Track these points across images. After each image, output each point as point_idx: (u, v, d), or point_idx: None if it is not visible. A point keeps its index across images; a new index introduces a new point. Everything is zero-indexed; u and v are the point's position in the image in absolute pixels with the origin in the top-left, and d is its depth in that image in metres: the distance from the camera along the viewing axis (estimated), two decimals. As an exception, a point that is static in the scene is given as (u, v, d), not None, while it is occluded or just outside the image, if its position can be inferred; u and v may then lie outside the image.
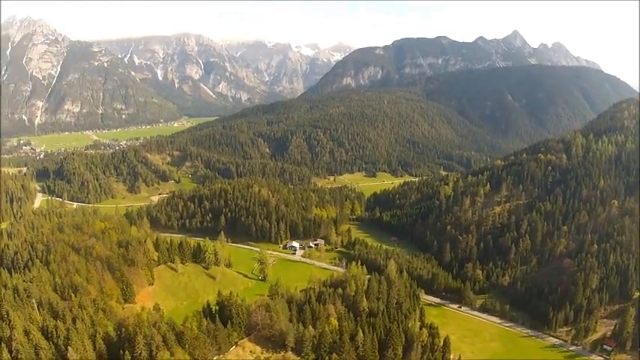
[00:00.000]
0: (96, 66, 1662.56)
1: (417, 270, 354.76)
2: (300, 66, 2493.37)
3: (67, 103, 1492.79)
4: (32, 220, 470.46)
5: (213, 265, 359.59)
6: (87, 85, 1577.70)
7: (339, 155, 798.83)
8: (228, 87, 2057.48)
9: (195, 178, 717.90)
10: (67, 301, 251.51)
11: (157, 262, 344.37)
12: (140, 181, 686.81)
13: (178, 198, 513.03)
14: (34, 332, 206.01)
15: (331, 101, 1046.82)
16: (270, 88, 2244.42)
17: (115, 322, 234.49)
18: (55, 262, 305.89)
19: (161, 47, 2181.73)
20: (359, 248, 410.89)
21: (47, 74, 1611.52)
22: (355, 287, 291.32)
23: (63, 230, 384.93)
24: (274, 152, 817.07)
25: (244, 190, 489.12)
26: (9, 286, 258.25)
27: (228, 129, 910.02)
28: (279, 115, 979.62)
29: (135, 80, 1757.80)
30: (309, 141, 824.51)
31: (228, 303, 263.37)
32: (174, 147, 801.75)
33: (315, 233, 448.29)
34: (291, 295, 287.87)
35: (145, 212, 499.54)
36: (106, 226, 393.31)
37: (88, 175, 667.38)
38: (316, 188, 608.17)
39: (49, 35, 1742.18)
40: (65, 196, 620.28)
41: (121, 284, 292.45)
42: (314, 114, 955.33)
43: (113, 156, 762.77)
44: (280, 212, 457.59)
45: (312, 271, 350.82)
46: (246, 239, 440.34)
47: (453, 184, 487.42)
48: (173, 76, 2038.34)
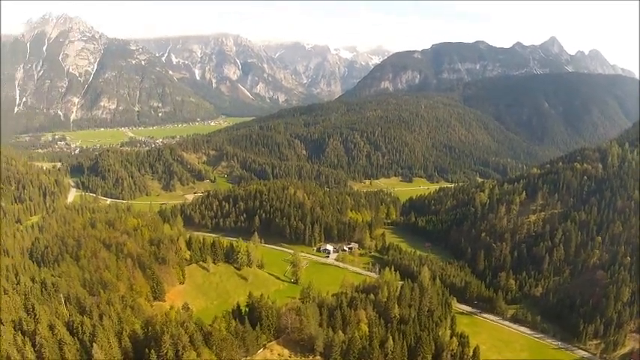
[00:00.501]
0: (133, 64, 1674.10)
1: (450, 277, 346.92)
2: (338, 69, 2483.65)
3: (104, 100, 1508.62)
4: (64, 214, 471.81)
5: (245, 266, 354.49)
6: (124, 83, 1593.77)
7: (376, 159, 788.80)
8: (265, 88, 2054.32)
9: (231, 178, 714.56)
10: (95, 297, 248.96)
11: (189, 261, 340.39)
12: (175, 180, 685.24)
13: (213, 197, 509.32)
14: (59, 327, 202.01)
15: (369, 104, 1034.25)
16: (308, 90, 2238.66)
17: (142, 320, 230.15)
18: (86, 258, 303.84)
19: (199, 47, 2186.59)
20: (393, 253, 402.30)
21: (84, 71, 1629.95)
22: (387, 293, 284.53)
23: (95, 226, 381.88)
24: (311, 154, 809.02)
25: (280, 192, 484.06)
26: (37, 280, 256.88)
27: (265, 129, 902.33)
28: (317, 117, 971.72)
29: (172, 79, 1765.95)
30: (345, 144, 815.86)
31: (258, 305, 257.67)
32: (211, 146, 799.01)
33: (349, 237, 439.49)
34: (322, 299, 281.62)
35: (179, 210, 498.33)
36: (139, 223, 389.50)
37: (122, 172, 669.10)
38: (352, 191, 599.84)
39: (86, 32, 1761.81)
40: (99, 192, 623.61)
41: (151, 282, 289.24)
42: (351, 117, 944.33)
43: (149, 153, 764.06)
44: (315, 215, 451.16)
45: (345, 275, 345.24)
46: (279, 241, 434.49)
47: (489, 191, 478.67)
48: (211, 76, 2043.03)
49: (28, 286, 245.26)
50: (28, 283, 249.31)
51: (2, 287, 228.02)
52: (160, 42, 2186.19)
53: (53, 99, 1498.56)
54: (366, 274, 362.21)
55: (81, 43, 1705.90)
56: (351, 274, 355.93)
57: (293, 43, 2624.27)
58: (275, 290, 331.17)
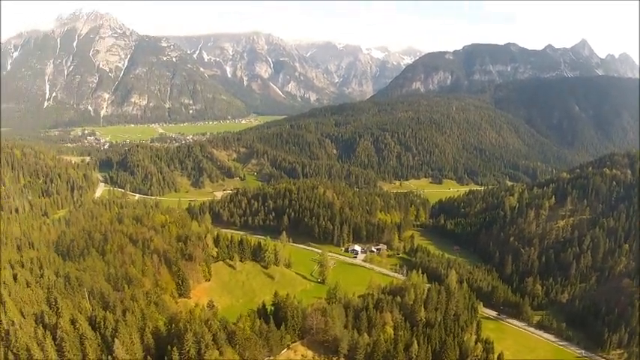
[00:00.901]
0: (164, 61, 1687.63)
1: (477, 281, 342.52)
2: (369, 68, 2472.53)
3: (134, 96, 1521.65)
4: (92, 209, 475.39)
5: (272, 265, 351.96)
6: (154, 79, 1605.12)
7: (406, 160, 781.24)
8: (297, 87, 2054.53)
9: (261, 176, 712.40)
10: (119, 292, 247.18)
11: (216, 259, 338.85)
12: (204, 177, 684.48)
13: (242, 195, 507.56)
14: (81, 322, 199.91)
15: (400, 105, 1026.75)
16: (340, 90, 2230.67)
17: (166, 317, 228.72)
18: (111, 253, 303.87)
19: (231, 45, 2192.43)
20: (421, 256, 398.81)
21: (114, 67, 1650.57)
22: (414, 296, 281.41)
23: (122, 221, 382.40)
24: (341, 154, 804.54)
25: (309, 191, 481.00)
26: (60, 273, 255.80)
27: (295, 128, 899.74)
28: (348, 117, 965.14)
29: (203, 76, 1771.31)
30: (376, 144, 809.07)
31: (284, 304, 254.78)
32: (241, 144, 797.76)
33: (378, 238, 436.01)
34: (348, 301, 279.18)
35: (208, 208, 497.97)
36: (167, 219, 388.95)
37: (151, 168, 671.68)
38: (382, 192, 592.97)
39: (117, 29, 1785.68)
40: (127, 187, 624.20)
41: (177, 278, 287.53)
42: (382, 117, 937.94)
43: (178, 150, 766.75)
44: (344, 215, 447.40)
45: (372, 276, 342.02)
46: (307, 240, 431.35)
47: (519, 195, 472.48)
48: (242, 74, 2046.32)
49: (51, 279, 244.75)
50: (51, 277, 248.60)
51: (21, 279, 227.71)
52: (192, 39, 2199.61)
53: (83, 94, 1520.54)
54: (393, 276, 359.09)
55: (111, 39, 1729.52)
56: (378, 276, 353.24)
57: (325, 42, 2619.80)
58: (301, 290, 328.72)
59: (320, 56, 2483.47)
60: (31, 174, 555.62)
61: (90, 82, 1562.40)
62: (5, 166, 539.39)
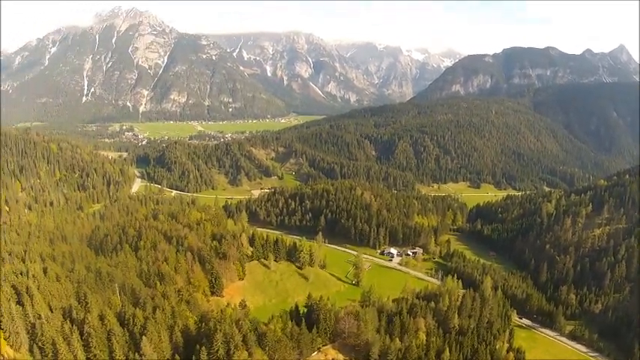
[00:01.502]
0: (204, 59, 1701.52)
1: (511, 289, 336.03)
2: (409, 70, 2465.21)
3: (173, 93, 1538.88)
4: (127, 204, 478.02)
5: (307, 266, 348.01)
6: (194, 77, 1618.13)
7: (445, 163, 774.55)
8: (337, 87, 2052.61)
9: (299, 175, 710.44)
10: (150, 288, 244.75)
11: (250, 258, 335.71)
12: (242, 175, 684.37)
13: (279, 194, 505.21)
14: (110, 317, 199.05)
15: (440, 107, 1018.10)
16: (380, 91, 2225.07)
17: (197, 315, 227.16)
18: (145, 249, 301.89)
19: (271, 44, 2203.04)
20: (456, 261, 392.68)
21: (154, 64, 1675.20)
22: (448, 302, 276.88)
23: (157, 217, 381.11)
24: (380, 155, 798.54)
25: (347, 192, 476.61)
26: (92, 268, 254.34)
27: (335, 128, 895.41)
28: (387, 119, 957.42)
29: (243, 75, 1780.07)
30: (415, 146, 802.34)
31: (317, 307, 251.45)
32: (280, 143, 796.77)
33: (414, 241, 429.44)
34: (382, 305, 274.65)
35: (244, 206, 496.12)
36: (202, 217, 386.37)
37: (189, 165, 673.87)
38: (419, 195, 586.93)
39: (156, 26, 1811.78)
40: (164, 183, 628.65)
41: (210, 277, 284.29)
42: (422, 119, 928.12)
43: (217, 147, 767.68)
44: (381, 217, 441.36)
45: (407, 280, 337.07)
46: (343, 242, 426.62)
47: (556, 201, 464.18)
48: (282, 73, 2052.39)
49: (82, 274, 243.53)
50: (82, 271, 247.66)
51: (51, 273, 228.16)
52: (232, 38, 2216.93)
53: (122, 90, 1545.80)
54: (428, 280, 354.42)
55: (151, 36, 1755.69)
56: (413, 279, 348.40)
57: (365, 42, 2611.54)
58: (335, 291, 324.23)
59: (360, 57, 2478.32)
60: (67, 168, 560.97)
61: (129, 78, 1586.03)
62: (41, 159, 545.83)
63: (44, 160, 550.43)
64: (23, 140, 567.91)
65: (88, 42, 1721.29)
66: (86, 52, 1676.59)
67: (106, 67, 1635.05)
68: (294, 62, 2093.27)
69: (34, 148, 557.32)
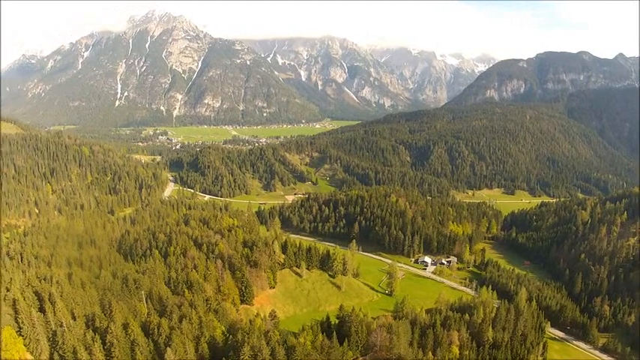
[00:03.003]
0: (238, 63, 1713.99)
1: (545, 300, 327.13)
2: (444, 75, 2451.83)
3: (207, 97, 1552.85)
4: (159, 208, 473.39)
5: (340, 274, 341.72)
6: (228, 82, 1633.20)
7: (480, 169, 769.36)
8: (371, 92, 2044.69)
9: (333, 181, 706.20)
10: (179, 296, 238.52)
11: (282, 266, 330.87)
12: (276, 180, 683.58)
13: (313, 200, 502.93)
14: (134, 327, 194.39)
15: (474, 113, 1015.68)
16: (414, 96, 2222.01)
17: (225, 325, 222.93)
18: (174, 255, 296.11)
19: (305, 49, 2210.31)
20: (491, 270, 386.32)
21: (187, 68, 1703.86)
22: (483, 315, 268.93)
23: (188, 223, 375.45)
24: (415, 161, 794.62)
25: (381, 199, 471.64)
26: (118, 275, 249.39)
27: (369, 134, 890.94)
28: (422, 124, 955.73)
29: (278, 80, 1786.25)
30: (450, 152, 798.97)
31: (349, 319, 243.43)
32: (314, 148, 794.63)
33: (448, 250, 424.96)
34: (415, 316, 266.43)
35: (278, 212, 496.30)
36: (234, 223, 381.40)
37: (223, 169, 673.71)
38: (454, 202, 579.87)
39: (190, 31, 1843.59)
40: (197, 187, 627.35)
41: (240, 285, 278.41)
42: (456, 125, 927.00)
43: (251, 152, 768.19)
44: (416, 225, 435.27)
45: (441, 290, 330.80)
46: (377, 249, 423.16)
47: (591, 209, 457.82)
48: (317, 78, 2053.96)
49: (108, 280, 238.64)
50: (108, 278, 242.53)
51: (76, 279, 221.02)
52: (266, 43, 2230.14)
53: (156, 94, 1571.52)
54: (462, 290, 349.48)
55: (185, 41, 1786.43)
56: (447, 289, 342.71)
57: (399, 47, 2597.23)
58: (368, 301, 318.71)
59: (394, 61, 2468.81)
60: (98, 171, 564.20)
61: (163, 82, 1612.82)
62: (72, 162, 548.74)
63: (76, 163, 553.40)
64: (54, 143, 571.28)
65: (122, 46, 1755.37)
66: (120, 57, 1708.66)
67: (139, 71, 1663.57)
68: (328, 67, 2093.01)
69: (66, 151, 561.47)
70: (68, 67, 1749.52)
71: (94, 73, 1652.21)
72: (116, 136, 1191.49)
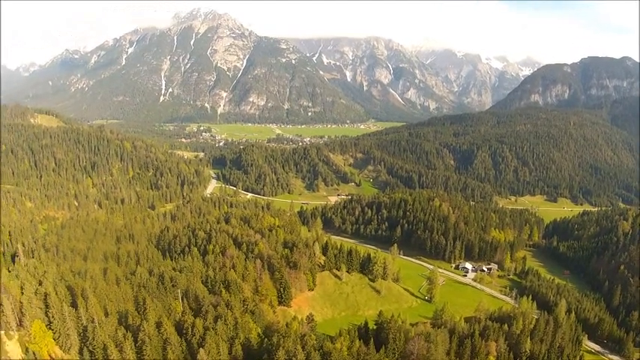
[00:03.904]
0: (283, 62, 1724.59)
1: (584, 312, 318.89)
2: (488, 78, 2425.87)
3: (252, 95, 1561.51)
4: (200, 205, 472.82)
5: (380, 278, 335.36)
6: (273, 81, 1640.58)
7: (523, 175, 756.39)
8: (417, 94, 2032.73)
9: (376, 183, 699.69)
10: (215, 295, 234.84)
11: (322, 268, 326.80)
12: (319, 180, 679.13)
13: (356, 202, 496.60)
14: (167, 326, 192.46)
15: (518, 117, 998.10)
16: (459, 99, 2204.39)
17: (261, 326, 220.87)
18: (213, 254, 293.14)
19: (350, 49, 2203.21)
20: (531, 279, 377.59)
21: (232, 66, 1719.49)
22: (522, 326, 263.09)
23: (229, 221, 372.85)
24: (458, 165, 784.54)
25: (424, 203, 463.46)
26: (155, 272, 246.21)
27: (414, 136, 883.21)
28: (466, 127, 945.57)
29: (323, 79, 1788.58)
30: (494, 157, 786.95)
31: (387, 325, 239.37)
32: (358, 149, 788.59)
33: (490, 257, 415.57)
34: (454, 325, 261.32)
35: (320, 213, 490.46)
36: (276, 223, 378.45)
37: (266, 168, 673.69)
38: (497, 208, 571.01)
39: (235, 29, 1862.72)
40: (240, 185, 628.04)
41: (279, 286, 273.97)
42: (501, 129, 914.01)
43: (295, 152, 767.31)
44: (458, 230, 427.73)
45: (481, 298, 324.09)
46: (418, 254, 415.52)
47: (632, 220, 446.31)
48: (362, 79, 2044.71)
49: (143, 277, 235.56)
50: (144, 275, 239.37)
51: (110, 275, 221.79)
52: (311, 42, 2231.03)
53: (200, 91, 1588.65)
54: (502, 299, 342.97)
55: (230, 39, 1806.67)
56: (487, 297, 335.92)
57: (444, 49, 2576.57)
58: (407, 307, 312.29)
59: (439, 64, 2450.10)
60: (140, 166, 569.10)
61: (207, 79, 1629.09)
62: (114, 157, 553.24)
63: (117, 158, 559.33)
64: (96, 137, 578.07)
65: (166, 43, 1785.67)
66: (164, 53, 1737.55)
67: (184, 68, 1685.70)
68: (373, 68, 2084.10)
69: (108, 146, 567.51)
70: (112, 62, 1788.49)
71: (138, 69, 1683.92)
72: (159, 132, 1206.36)
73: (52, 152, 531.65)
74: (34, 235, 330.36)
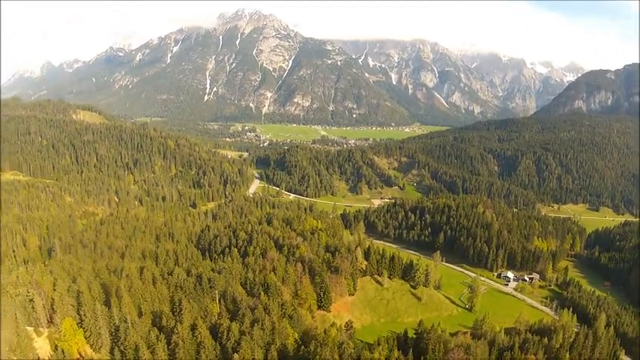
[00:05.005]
0: (329, 64, 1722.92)
1: (622, 326, 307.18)
2: (533, 83, 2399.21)
3: (297, 96, 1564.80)
4: (242, 205, 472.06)
5: (421, 285, 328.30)
6: (318, 82, 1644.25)
7: (566, 183, 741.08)
8: (461, 98, 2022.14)
9: (420, 187, 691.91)
10: (253, 298, 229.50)
11: (363, 273, 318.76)
12: (363, 183, 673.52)
13: (400, 207, 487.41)
14: (202, 329, 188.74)
15: (562, 124, 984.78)
16: (503, 104, 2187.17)
17: (299, 331, 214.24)
18: (253, 256, 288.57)
19: (396, 51, 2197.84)
20: (572, 290, 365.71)
21: (278, 67, 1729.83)
22: (562, 340, 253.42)
23: (271, 222, 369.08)
24: (502, 171, 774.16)
25: (468, 209, 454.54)
26: (192, 272, 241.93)
27: (459, 141, 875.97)
28: (511, 133, 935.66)
29: (368, 82, 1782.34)
30: (537, 164, 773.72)
31: (427, 335, 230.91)
32: (403, 153, 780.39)
33: (532, 266, 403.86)
34: (494, 336, 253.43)
35: (363, 216, 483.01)
36: (318, 225, 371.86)
37: (309, 169, 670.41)
38: (540, 216, 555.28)
39: (281, 30, 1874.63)
40: (283, 186, 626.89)
41: (319, 290, 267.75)
42: (545, 136, 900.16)
43: (339, 154, 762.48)
44: (502, 238, 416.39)
45: (522, 309, 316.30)
46: (460, 261, 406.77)
47: None
48: (407, 82, 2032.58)
49: (181, 277, 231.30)
50: (181, 275, 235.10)
51: (147, 274, 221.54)
52: (357, 44, 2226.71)
53: (245, 91, 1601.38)
54: (542, 310, 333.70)
55: (275, 39, 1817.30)
56: (527, 308, 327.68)
57: (489, 53, 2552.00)
58: (447, 315, 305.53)
59: (484, 68, 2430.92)
60: (183, 165, 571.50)
61: (252, 80, 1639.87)
62: (157, 154, 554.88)
63: (160, 155, 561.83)
64: (139, 135, 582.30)
65: (212, 42, 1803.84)
66: (209, 52, 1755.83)
67: (229, 67, 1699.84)
68: (419, 71, 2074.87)
69: (150, 143, 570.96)
70: (156, 61, 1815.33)
71: (182, 67, 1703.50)
72: (203, 131, 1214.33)
73: (94, 148, 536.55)
74: (72, 231, 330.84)
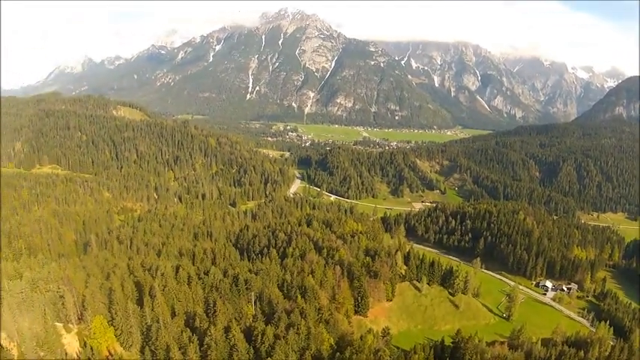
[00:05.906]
0: (372, 65, 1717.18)
1: None
2: (574, 89, 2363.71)
3: (340, 97, 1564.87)
4: (282, 205, 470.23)
5: (460, 292, 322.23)
6: (361, 83, 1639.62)
7: (606, 191, 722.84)
8: (503, 102, 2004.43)
9: (461, 191, 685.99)
10: (290, 301, 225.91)
11: (403, 278, 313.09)
12: (404, 186, 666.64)
13: (440, 211, 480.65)
14: (236, 332, 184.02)
15: (603, 130, 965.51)
16: (545, 109, 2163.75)
17: (335, 336, 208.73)
18: (292, 257, 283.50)
19: (439, 54, 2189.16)
20: (609, 302, 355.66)
21: (320, 67, 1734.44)
22: (597, 354, 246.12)
23: (311, 224, 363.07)
24: (543, 177, 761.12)
25: (509, 215, 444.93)
26: (229, 273, 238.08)
27: (500, 145, 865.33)
28: (552, 139, 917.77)
29: (411, 84, 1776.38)
30: (578, 170, 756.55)
31: (465, 345, 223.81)
32: (445, 156, 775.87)
33: (570, 276, 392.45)
34: (530, 347, 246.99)
35: (403, 219, 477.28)
36: (358, 228, 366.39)
37: (351, 171, 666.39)
38: (580, 224, 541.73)
39: (324, 30, 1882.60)
40: (324, 187, 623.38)
41: (357, 295, 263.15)
42: (586, 142, 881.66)
43: (381, 156, 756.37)
44: (542, 246, 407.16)
45: (559, 319, 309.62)
46: (499, 268, 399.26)
47: None
48: (450, 85, 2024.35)
49: (217, 278, 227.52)
50: (217, 275, 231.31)
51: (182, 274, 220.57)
52: (399, 45, 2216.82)
53: (287, 91, 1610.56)
54: (579, 321, 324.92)
55: (318, 40, 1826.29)
56: (564, 319, 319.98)
57: (531, 57, 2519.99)
58: (485, 324, 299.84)
59: (526, 72, 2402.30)
60: (224, 163, 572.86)
61: (295, 79, 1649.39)
62: (197, 152, 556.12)
63: (201, 153, 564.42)
64: (180, 132, 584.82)
65: (254, 42, 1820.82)
66: (252, 52, 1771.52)
67: (272, 67, 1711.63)
68: (461, 74, 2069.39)
69: (191, 141, 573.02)
70: (199, 59, 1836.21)
71: (225, 66, 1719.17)
72: (245, 130, 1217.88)
73: (135, 144, 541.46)
74: (109, 226, 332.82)
